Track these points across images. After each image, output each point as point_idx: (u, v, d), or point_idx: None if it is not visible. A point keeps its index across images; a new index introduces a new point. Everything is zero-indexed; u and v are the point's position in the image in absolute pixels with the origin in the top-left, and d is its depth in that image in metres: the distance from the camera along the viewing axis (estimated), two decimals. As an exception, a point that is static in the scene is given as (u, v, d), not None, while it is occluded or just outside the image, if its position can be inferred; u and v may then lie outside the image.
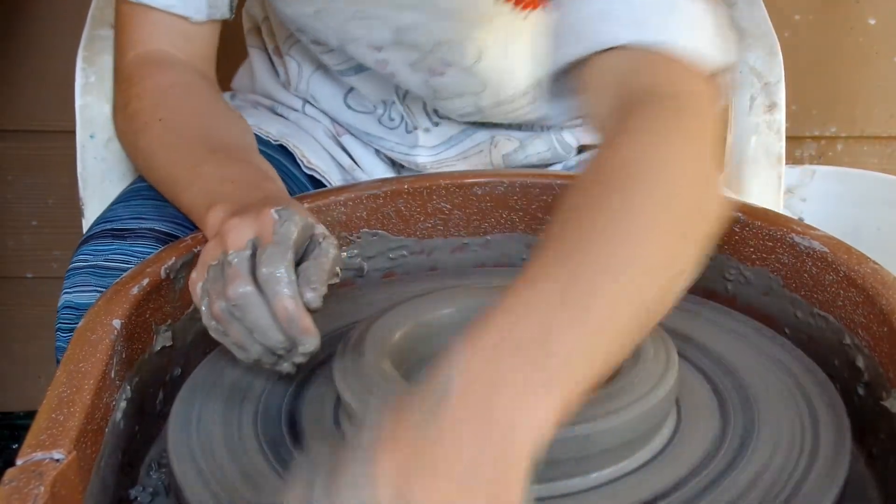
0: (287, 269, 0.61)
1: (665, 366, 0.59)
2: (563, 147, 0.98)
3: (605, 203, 0.52)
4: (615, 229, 0.51)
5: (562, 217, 0.52)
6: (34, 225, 1.59)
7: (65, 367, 0.58)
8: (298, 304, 0.60)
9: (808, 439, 0.58)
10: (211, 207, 0.70)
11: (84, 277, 0.80)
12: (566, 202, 0.53)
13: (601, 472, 0.55)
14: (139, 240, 0.80)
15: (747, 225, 0.74)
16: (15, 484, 0.49)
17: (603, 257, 0.49)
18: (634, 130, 0.56)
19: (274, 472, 0.57)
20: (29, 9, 1.47)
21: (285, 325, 0.61)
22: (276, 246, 0.61)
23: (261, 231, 0.63)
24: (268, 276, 0.60)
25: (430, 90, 0.92)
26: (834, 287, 0.68)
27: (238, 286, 0.61)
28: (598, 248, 0.49)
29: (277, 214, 0.63)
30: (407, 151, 0.97)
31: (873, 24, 1.47)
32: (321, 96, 0.98)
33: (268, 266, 0.61)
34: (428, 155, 0.97)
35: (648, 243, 0.51)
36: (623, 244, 0.50)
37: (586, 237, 0.50)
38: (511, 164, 0.98)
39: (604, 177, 0.54)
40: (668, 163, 0.54)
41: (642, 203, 0.52)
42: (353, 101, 0.98)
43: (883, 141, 1.55)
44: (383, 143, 0.97)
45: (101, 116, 1.03)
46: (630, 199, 0.52)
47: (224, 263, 0.62)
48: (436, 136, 0.97)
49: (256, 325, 0.61)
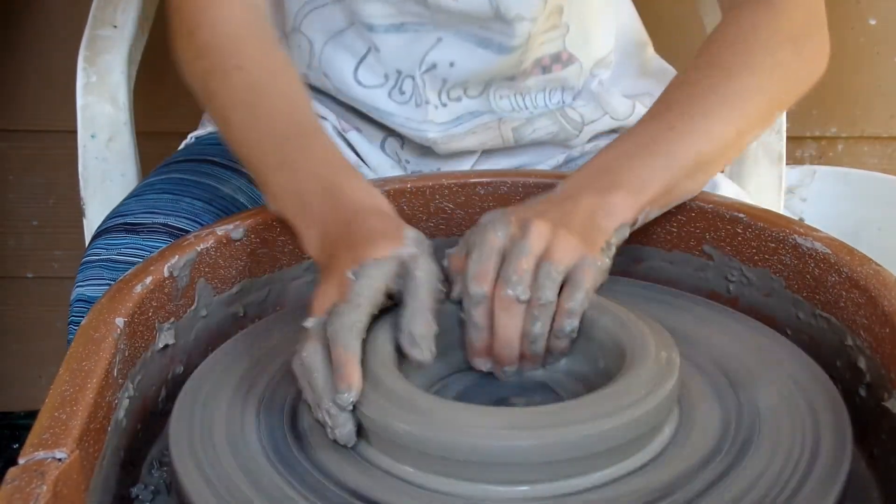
0: (350, 326, 0.60)
1: (667, 368, 0.59)
2: (571, 124, 0.99)
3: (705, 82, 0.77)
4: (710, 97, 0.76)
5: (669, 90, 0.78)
6: (35, 225, 1.59)
7: (67, 365, 0.58)
8: (350, 355, 0.58)
9: (809, 440, 0.58)
10: (303, 226, 0.71)
11: (97, 271, 0.80)
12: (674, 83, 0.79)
13: (602, 472, 0.55)
14: (152, 234, 0.80)
15: (750, 226, 0.75)
16: (17, 483, 0.49)
17: (686, 120, 0.74)
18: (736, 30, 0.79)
19: (275, 470, 0.57)
20: (30, 9, 1.48)
21: (334, 375, 0.59)
22: (347, 304, 0.61)
23: (339, 295, 0.62)
24: (332, 333, 0.60)
25: (491, 8, 0.89)
26: (836, 288, 0.68)
27: (307, 346, 0.60)
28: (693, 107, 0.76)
29: (353, 275, 0.63)
30: (417, 126, 0.96)
31: (874, 24, 1.47)
32: (332, 70, 0.96)
33: (332, 324, 0.60)
34: (437, 130, 0.96)
35: (730, 111, 0.75)
36: (714, 107, 0.75)
37: (688, 97, 0.76)
38: (520, 139, 0.98)
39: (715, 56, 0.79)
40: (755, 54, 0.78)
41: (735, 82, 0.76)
42: (364, 74, 0.96)
43: (883, 141, 1.55)
44: (393, 119, 0.96)
45: (103, 116, 1.03)
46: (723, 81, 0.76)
47: (301, 329, 0.62)
48: (445, 114, 0.96)
49: (314, 382, 0.59)
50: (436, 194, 0.83)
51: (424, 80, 0.94)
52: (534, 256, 0.64)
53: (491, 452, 0.54)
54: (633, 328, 0.64)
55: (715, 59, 0.79)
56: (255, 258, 0.77)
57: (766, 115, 0.78)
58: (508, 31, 0.91)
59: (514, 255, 0.64)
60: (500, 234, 0.65)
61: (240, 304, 0.77)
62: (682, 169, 0.74)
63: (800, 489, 0.54)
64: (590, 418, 0.55)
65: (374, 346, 0.62)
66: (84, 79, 1.04)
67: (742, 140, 0.78)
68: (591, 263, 0.66)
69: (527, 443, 0.54)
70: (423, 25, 0.93)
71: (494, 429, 0.55)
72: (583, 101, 0.99)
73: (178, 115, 1.49)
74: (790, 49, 0.79)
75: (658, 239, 0.80)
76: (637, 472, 0.56)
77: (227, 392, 0.64)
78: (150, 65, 1.20)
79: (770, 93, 0.78)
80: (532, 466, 0.54)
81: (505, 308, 0.63)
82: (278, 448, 0.59)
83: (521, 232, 0.65)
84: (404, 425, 0.56)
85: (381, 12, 0.92)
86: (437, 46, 0.93)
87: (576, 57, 0.97)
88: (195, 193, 0.87)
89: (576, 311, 0.64)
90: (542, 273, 0.63)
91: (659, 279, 0.80)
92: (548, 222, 0.66)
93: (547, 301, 0.63)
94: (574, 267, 0.65)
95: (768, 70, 0.77)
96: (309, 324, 0.62)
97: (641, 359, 0.60)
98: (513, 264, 0.63)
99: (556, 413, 0.56)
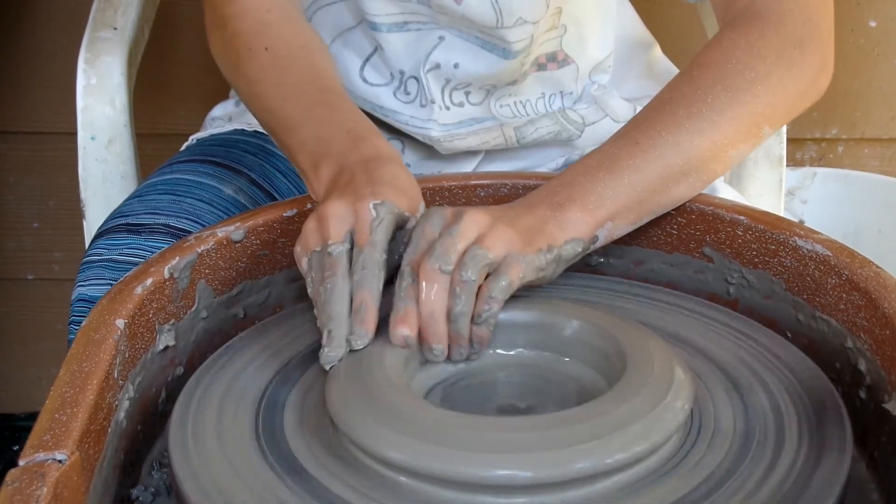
0: (378, 273, 0.65)
1: (679, 384, 0.59)
2: (572, 124, 0.99)
3: (691, 93, 0.75)
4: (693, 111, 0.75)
5: (658, 98, 0.77)
6: (35, 227, 1.59)
7: (68, 366, 0.58)
8: (372, 302, 0.64)
9: (810, 442, 0.58)
10: (319, 165, 0.74)
11: (98, 271, 0.80)
12: (668, 87, 0.78)
13: (604, 483, 0.55)
14: (153, 235, 0.81)
15: (750, 228, 0.74)
16: (17, 485, 0.49)
17: (658, 133, 0.74)
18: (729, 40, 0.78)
19: (273, 471, 0.57)
20: (30, 11, 1.48)
21: (354, 315, 0.64)
22: (371, 246, 0.66)
23: (358, 224, 0.67)
24: (360, 278, 0.64)
25: (494, 13, 0.90)
26: (836, 290, 0.68)
27: (334, 278, 0.65)
28: (668, 122, 0.75)
29: (375, 211, 0.67)
30: (421, 125, 0.97)
31: (874, 26, 1.48)
32: (339, 68, 0.97)
33: (360, 267, 0.65)
34: (440, 129, 0.97)
35: (711, 127, 0.74)
36: (693, 121, 0.74)
37: (672, 109, 0.75)
38: (523, 138, 0.99)
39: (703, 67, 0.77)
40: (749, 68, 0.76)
41: (720, 95, 0.75)
42: (370, 73, 0.97)
43: (883, 143, 1.55)
44: (397, 117, 0.97)
45: (103, 118, 1.03)
46: (709, 92, 0.75)
47: (324, 253, 0.66)
48: (449, 116, 0.97)
49: (333, 312, 0.64)
50: (436, 196, 0.83)
51: (428, 79, 0.95)
52: (463, 238, 0.65)
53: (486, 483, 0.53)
54: (631, 332, 0.64)
55: (689, 76, 0.77)
56: (256, 260, 0.77)
57: (748, 128, 0.76)
58: (511, 34, 0.91)
59: (443, 237, 0.65)
60: (436, 224, 0.67)
61: (240, 305, 0.77)
62: (647, 183, 0.73)
63: (800, 492, 0.54)
64: (597, 452, 0.53)
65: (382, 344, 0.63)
66: (84, 81, 1.04)
67: (723, 153, 0.75)
68: (522, 259, 0.66)
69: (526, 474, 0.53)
70: (425, 24, 0.93)
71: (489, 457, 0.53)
72: (583, 104, 0.99)
73: (177, 118, 1.50)
74: (773, 60, 0.76)
75: (658, 241, 0.80)
76: (640, 482, 0.56)
77: (227, 393, 0.64)
78: (150, 67, 1.21)
79: (749, 105, 0.75)
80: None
81: (428, 278, 0.64)
82: (277, 448, 0.59)
83: (454, 219, 0.66)
84: (398, 455, 0.55)
85: (384, 10, 0.93)
86: (439, 46, 0.94)
87: (571, 58, 0.97)
88: (197, 194, 0.87)
89: (495, 298, 0.65)
90: (469, 255, 0.64)
91: (659, 281, 0.80)
92: (486, 214, 0.67)
93: (468, 279, 0.64)
94: (504, 258, 0.66)
95: (747, 83, 0.75)
96: (333, 250, 0.66)
97: (644, 368, 0.59)
98: (442, 243, 0.65)
99: (556, 437, 0.54)
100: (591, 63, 0.98)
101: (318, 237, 0.68)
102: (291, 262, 0.79)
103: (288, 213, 0.78)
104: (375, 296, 0.64)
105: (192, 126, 1.08)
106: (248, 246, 0.76)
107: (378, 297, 0.65)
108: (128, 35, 1.08)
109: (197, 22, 1.41)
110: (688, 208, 0.77)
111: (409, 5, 0.92)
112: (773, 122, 0.77)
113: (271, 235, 0.78)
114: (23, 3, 1.47)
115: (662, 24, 0.94)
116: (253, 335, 0.72)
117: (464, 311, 0.64)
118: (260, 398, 0.64)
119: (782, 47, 0.77)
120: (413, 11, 0.93)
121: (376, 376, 0.60)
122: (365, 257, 0.65)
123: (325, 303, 0.64)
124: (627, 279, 0.80)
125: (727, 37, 0.79)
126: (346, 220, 0.67)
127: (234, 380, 0.66)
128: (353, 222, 0.67)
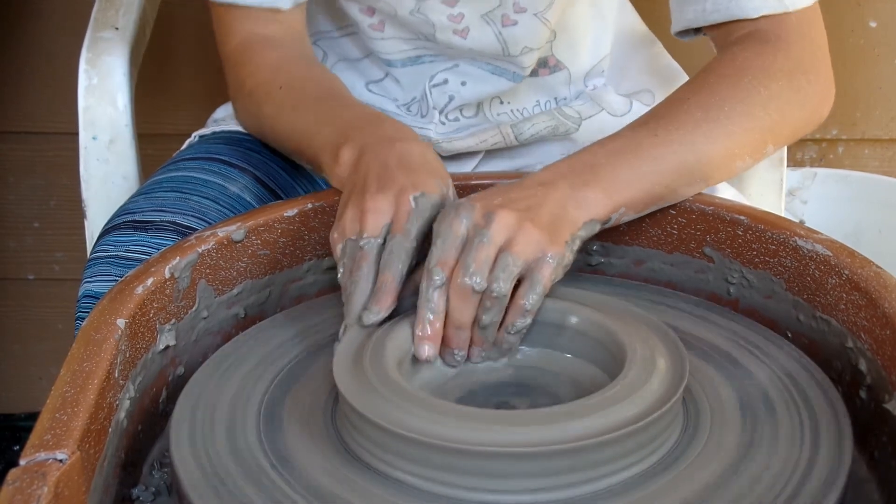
0: (405, 258, 0.68)
1: (674, 377, 0.59)
2: (568, 118, 1.00)
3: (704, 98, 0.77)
4: (703, 114, 0.76)
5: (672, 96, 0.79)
6: (36, 227, 1.59)
7: (68, 366, 0.58)
8: (393, 284, 0.66)
9: (810, 442, 0.58)
10: (343, 145, 0.76)
11: (104, 267, 0.80)
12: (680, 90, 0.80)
13: (607, 481, 0.55)
14: (160, 232, 0.81)
15: (750, 228, 0.75)
16: (18, 484, 0.49)
17: (677, 131, 0.75)
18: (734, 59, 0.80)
19: (275, 471, 0.57)
20: (32, 11, 1.48)
21: (372, 294, 0.66)
22: (404, 235, 0.68)
23: (397, 216, 0.69)
24: (386, 260, 0.67)
25: (499, 44, 0.93)
26: (836, 290, 0.68)
27: (360, 271, 0.67)
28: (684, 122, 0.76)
29: (415, 202, 0.69)
30: (421, 127, 0.99)
31: (874, 26, 1.48)
32: (343, 80, 0.99)
33: (390, 253, 0.67)
34: (439, 132, 1.00)
35: (713, 132, 0.76)
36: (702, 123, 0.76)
37: (681, 107, 0.77)
38: (521, 135, 1.00)
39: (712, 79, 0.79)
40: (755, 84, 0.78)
41: (728, 104, 0.77)
42: (375, 88, 1.02)
43: (884, 143, 1.55)
44: (398, 119, 0.99)
45: (104, 118, 1.03)
46: (720, 101, 0.77)
47: (357, 245, 0.69)
48: (445, 128, 1.00)
49: (354, 297, 0.66)
50: (437, 196, 0.83)
51: (432, 93, 0.98)
52: (494, 246, 0.65)
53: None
54: (632, 327, 0.64)
55: (706, 82, 0.79)
56: (256, 260, 0.77)
57: (756, 143, 0.78)
58: (517, 61, 0.95)
59: (474, 244, 0.65)
60: (465, 222, 0.66)
61: (240, 305, 0.77)
62: (664, 176, 0.74)
63: (800, 491, 0.54)
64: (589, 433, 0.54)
65: (393, 337, 0.63)
66: (86, 81, 1.04)
67: (731, 163, 0.77)
68: (552, 260, 0.66)
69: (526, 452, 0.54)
70: (437, 56, 0.97)
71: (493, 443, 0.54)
72: (579, 101, 1.00)
73: (179, 118, 1.50)
74: (785, 83, 0.79)
75: (659, 241, 0.80)
76: (638, 480, 0.56)
77: (227, 393, 0.64)
78: (151, 67, 1.21)
79: (761, 120, 0.77)
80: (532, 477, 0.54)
81: (460, 296, 0.64)
82: (278, 448, 0.59)
83: (485, 221, 0.66)
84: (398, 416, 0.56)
85: (396, 48, 0.97)
86: (452, 69, 0.98)
87: (563, 64, 0.99)
88: (203, 192, 0.87)
89: (529, 311, 0.66)
90: (500, 265, 0.65)
91: (660, 281, 0.80)
92: (513, 213, 0.67)
93: (500, 294, 0.64)
94: (534, 261, 0.66)
95: (762, 100, 0.77)
96: (366, 244, 0.68)
97: (652, 370, 0.59)
98: (472, 253, 0.65)
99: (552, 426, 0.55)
100: (583, 69, 0.99)
101: (356, 228, 0.69)
102: (292, 261, 0.79)
103: (289, 212, 0.78)
104: (397, 278, 0.66)
105: (193, 126, 1.08)
106: (249, 245, 0.76)
107: (400, 279, 0.67)
108: (129, 35, 1.08)
109: (198, 22, 1.42)
110: (688, 208, 0.78)
111: (418, 42, 0.96)
112: (776, 142, 0.79)
113: (272, 235, 0.78)
114: (24, 3, 1.47)
115: (662, 24, 0.94)
116: (254, 335, 0.72)
117: (494, 321, 0.65)
118: (261, 398, 0.64)
119: (791, 73, 0.80)
120: (423, 47, 0.96)
121: (377, 372, 0.60)
122: (395, 243, 0.68)
123: (350, 294, 0.67)
124: (628, 279, 0.80)
125: (740, 55, 0.81)
126: (386, 214, 0.69)
127: (235, 379, 0.66)
128: (393, 214, 0.69)
